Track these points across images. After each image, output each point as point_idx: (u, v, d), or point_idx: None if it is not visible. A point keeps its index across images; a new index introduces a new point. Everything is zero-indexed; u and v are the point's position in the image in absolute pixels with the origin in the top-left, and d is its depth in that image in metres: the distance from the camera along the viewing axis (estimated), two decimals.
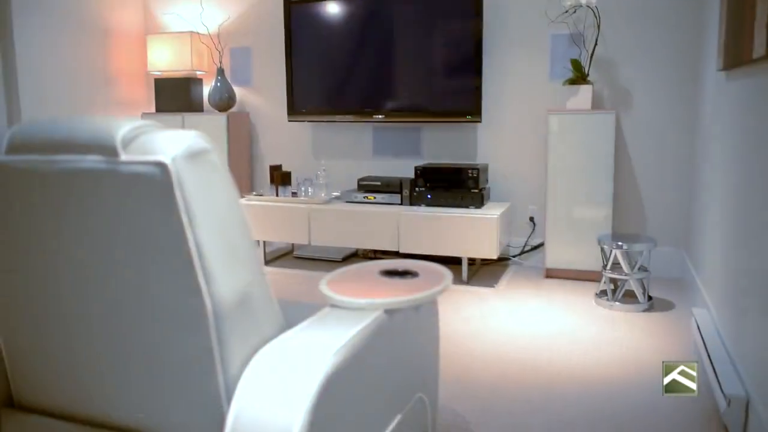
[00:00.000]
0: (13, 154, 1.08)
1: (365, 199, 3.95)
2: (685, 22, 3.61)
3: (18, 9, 4.03)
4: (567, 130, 3.60)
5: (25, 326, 1.20)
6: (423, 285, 1.47)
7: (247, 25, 4.67)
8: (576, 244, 3.63)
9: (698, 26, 3.55)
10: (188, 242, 0.96)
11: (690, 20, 3.60)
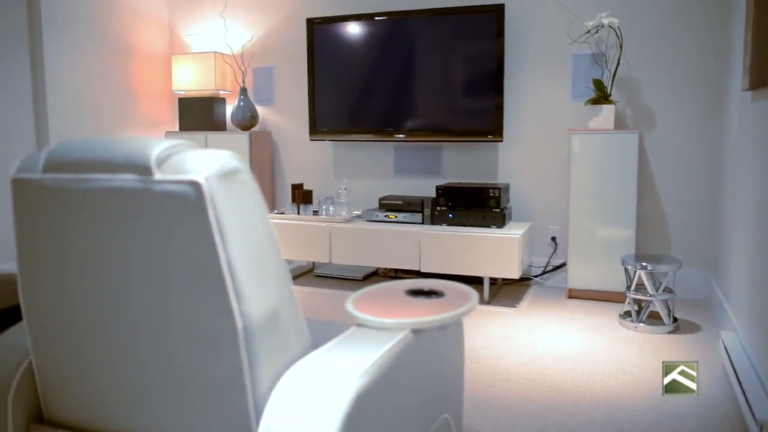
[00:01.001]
0: (50, 172, 1.10)
1: (386, 218, 3.96)
2: (708, 41, 3.60)
3: (48, 29, 4.12)
4: (589, 150, 3.58)
5: (56, 342, 1.21)
6: (449, 305, 1.46)
7: (270, 45, 4.73)
8: (599, 264, 3.60)
9: (721, 45, 3.53)
10: (220, 261, 0.97)
11: (713, 39, 3.58)
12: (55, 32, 4.17)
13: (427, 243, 3.71)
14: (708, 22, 3.59)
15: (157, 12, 4.99)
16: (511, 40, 3.95)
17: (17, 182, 1.14)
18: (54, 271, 1.15)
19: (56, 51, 4.19)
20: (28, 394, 1.28)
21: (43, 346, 1.24)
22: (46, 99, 4.15)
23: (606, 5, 3.68)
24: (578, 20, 3.70)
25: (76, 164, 1.07)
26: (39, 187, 1.11)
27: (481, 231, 3.65)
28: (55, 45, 4.17)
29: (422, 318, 1.33)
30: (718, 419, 2.17)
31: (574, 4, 3.78)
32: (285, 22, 4.65)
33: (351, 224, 3.95)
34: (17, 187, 1.14)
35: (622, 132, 3.57)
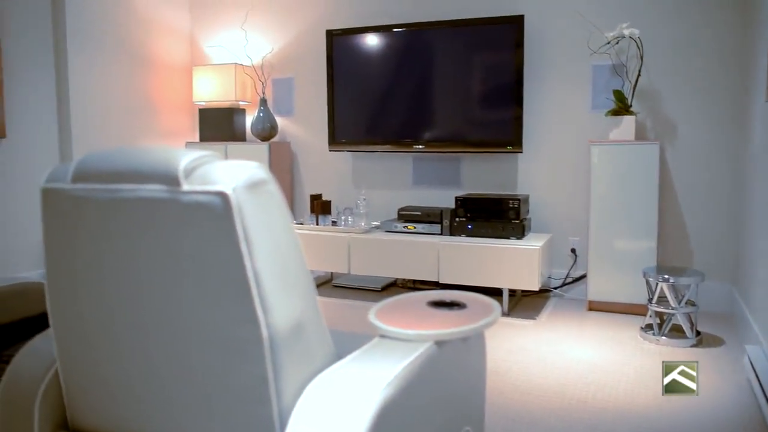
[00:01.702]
0: (78, 182, 1.11)
1: (405, 229, 3.96)
2: (730, 52, 3.57)
3: (73, 41, 4.19)
4: (610, 161, 3.56)
5: (82, 351, 1.23)
6: (472, 316, 1.45)
7: (289, 57, 4.77)
8: (619, 276, 3.56)
9: (743, 56, 3.50)
10: (246, 271, 0.98)
11: (735, 50, 3.55)
12: (79, 43, 4.24)
13: (446, 254, 3.71)
14: (730, 32, 3.56)
15: (178, 24, 5.05)
16: (531, 51, 3.94)
17: (47, 192, 1.16)
18: (81, 280, 1.16)
19: (80, 62, 4.25)
20: (54, 402, 1.29)
21: (69, 354, 1.25)
22: (70, 109, 4.21)
23: (627, 16, 3.67)
24: (598, 31, 3.69)
25: (105, 175, 1.09)
26: (68, 197, 1.13)
27: (501, 242, 3.64)
28: (79, 56, 4.24)
29: (445, 330, 1.32)
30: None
31: (594, 15, 3.77)
32: (305, 34, 4.69)
33: (370, 235, 3.96)
34: (47, 196, 1.16)
35: (643, 143, 3.54)
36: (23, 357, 1.37)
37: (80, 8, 4.24)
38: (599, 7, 3.80)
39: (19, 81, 3.97)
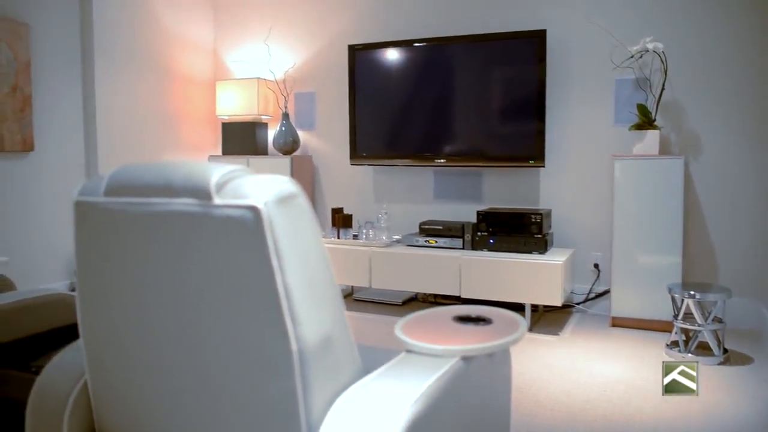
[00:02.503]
0: (111, 196, 1.13)
1: (427, 243, 3.95)
2: (755, 65, 3.54)
3: (100, 55, 4.27)
4: (633, 176, 3.53)
5: (111, 361, 1.24)
6: (498, 332, 1.44)
7: (311, 71, 4.80)
8: (644, 292, 3.52)
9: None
10: (277, 285, 0.98)
11: (760, 64, 3.52)
12: (106, 58, 4.31)
13: (467, 268, 3.69)
14: (755, 45, 3.53)
15: (203, 39, 5.12)
16: (553, 65, 3.94)
17: (79, 205, 1.17)
18: (112, 292, 1.17)
19: (106, 76, 4.32)
20: (82, 413, 1.30)
21: (98, 366, 1.26)
22: (96, 123, 4.27)
23: (650, 30, 3.65)
24: (621, 45, 3.68)
25: (137, 188, 1.10)
26: (100, 211, 1.14)
27: (523, 257, 3.62)
28: (105, 71, 4.31)
29: (472, 345, 1.32)
30: None
31: (617, 29, 3.76)
32: (327, 49, 4.73)
33: (391, 249, 3.96)
34: (79, 209, 1.18)
35: (667, 157, 3.51)
36: (53, 368, 1.38)
37: (107, 24, 4.32)
38: (622, 21, 3.79)
39: (47, 96, 4.05)
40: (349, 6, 4.63)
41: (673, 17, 3.70)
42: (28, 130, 3.89)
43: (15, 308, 2.01)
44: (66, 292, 2.24)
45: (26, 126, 3.88)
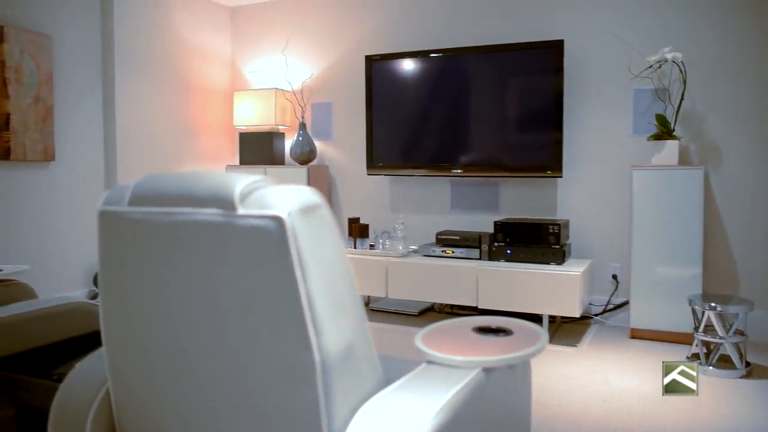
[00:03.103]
0: (136, 205, 1.14)
1: (443, 253, 3.94)
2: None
3: (120, 67, 4.33)
4: (652, 187, 3.50)
5: (133, 370, 1.24)
6: (519, 343, 1.43)
7: (328, 82, 4.83)
8: (663, 303, 3.48)
9: None
10: (300, 295, 0.98)
11: None
12: (126, 70, 4.37)
13: (484, 279, 3.67)
14: None
15: (221, 50, 5.17)
16: (570, 75, 3.93)
17: (104, 214, 1.18)
18: (136, 301, 1.18)
19: (126, 88, 4.38)
20: (104, 422, 1.31)
21: (120, 373, 1.27)
22: (116, 133, 4.32)
23: (669, 40, 3.63)
24: (639, 55, 3.66)
25: (161, 198, 1.11)
26: (125, 220, 1.15)
27: (541, 268, 3.60)
28: (125, 82, 4.37)
29: (494, 356, 1.31)
30: None
31: (635, 39, 3.75)
32: (344, 60, 4.75)
33: (407, 259, 3.95)
34: (104, 219, 1.19)
35: (687, 168, 3.48)
36: (75, 376, 1.39)
37: (128, 36, 4.37)
38: (640, 31, 3.78)
39: (68, 106, 4.10)
40: (366, 17, 4.66)
41: (692, 27, 3.68)
42: (49, 140, 3.94)
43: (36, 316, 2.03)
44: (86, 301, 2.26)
45: (48, 136, 3.93)
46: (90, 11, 4.25)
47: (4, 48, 3.67)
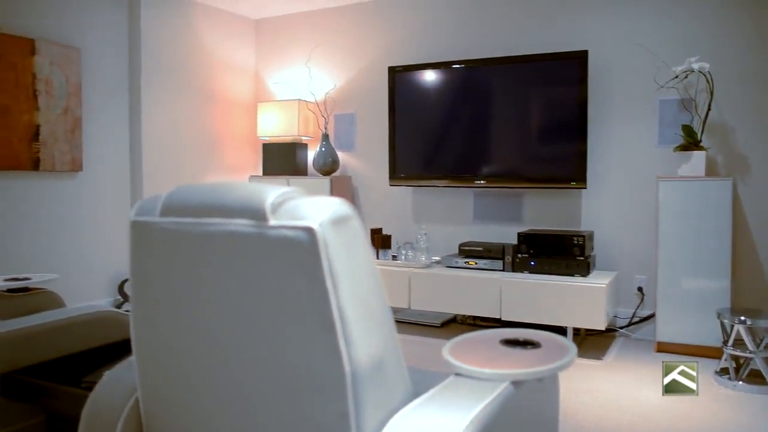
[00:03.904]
0: (167, 216, 1.15)
1: (466, 265, 3.92)
2: None
3: (147, 79, 4.39)
4: (679, 198, 3.46)
5: (163, 379, 1.25)
6: (547, 356, 1.42)
7: (351, 93, 4.85)
8: (690, 317, 3.43)
9: None
10: (331, 306, 0.98)
11: None
12: (152, 81, 4.43)
13: (508, 291, 3.65)
14: None
15: (245, 62, 5.22)
16: (594, 85, 3.90)
17: (136, 225, 1.20)
18: (166, 310, 1.19)
19: (152, 99, 4.44)
20: (134, 429, 1.32)
21: (150, 382, 1.28)
22: (141, 144, 4.38)
23: (695, 50, 3.60)
24: (665, 65, 3.63)
25: (193, 209, 1.12)
26: (156, 230, 1.16)
27: (565, 279, 3.56)
28: (151, 93, 4.43)
29: (523, 369, 1.29)
30: None
31: (660, 49, 3.72)
32: (366, 71, 4.78)
33: (430, 270, 3.94)
34: (136, 229, 1.20)
35: (714, 179, 3.43)
36: (105, 385, 1.41)
37: (154, 48, 4.44)
38: (665, 41, 3.75)
39: (95, 117, 4.17)
40: (389, 29, 4.68)
41: (718, 37, 3.64)
42: (77, 150, 4.00)
43: (65, 325, 2.06)
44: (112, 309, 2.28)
45: (76, 147, 3.99)
46: (118, 24, 4.32)
47: (34, 61, 3.75)
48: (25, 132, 3.72)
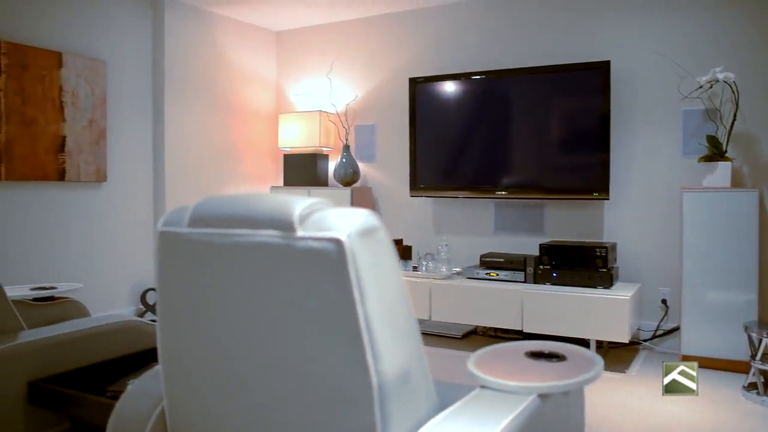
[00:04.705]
0: (195, 227, 1.15)
1: (488, 276, 3.90)
2: None
3: (170, 91, 4.45)
4: (704, 209, 3.41)
5: (190, 389, 1.25)
6: (573, 369, 1.40)
7: (372, 104, 4.87)
8: (716, 330, 3.37)
9: None
10: (359, 318, 0.98)
11: None
12: (175, 93, 4.48)
13: (530, 302, 3.62)
14: None
15: (266, 73, 5.27)
16: (617, 96, 3.88)
17: (164, 235, 1.21)
18: (193, 321, 1.20)
19: (175, 111, 4.49)
20: None
21: (176, 392, 1.28)
22: (164, 155, 4.43)
23: (719, 60, 3.56)
24: (689, 76, 3.60)
25: (221, 220, 1.13)
26: (184, 241, 1.17)
27: (588, 291, 3.53)
28: (174, 105, 4.48)
29: (550, 383, 1.28)
30: None
31: (684, 59, 3.68)
32: (387, 82, 4.79)
33: (451, 281, 3.92)
34: (163, 239, 1.21)
35: (740, 190, 3.39)
36: (131, 395, 1.41)
37: (178, 61, 4.50)
38: (689, 51, 3.72)
39: (120, 129, 4.22)
40: (410, 40, 4.70)
41: (743, 47, 3.60)
42: (101, 161, 4.06)
43: (91, 334, 2.08)
44: (136, 319, 2.30)
45: (100, 158, 4.05)
46: (142, 38, 4.39)
47: (61, 73, 3.81)
48: (52, 143, 3.78)
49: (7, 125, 3.55)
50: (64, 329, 2.03)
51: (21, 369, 1.81)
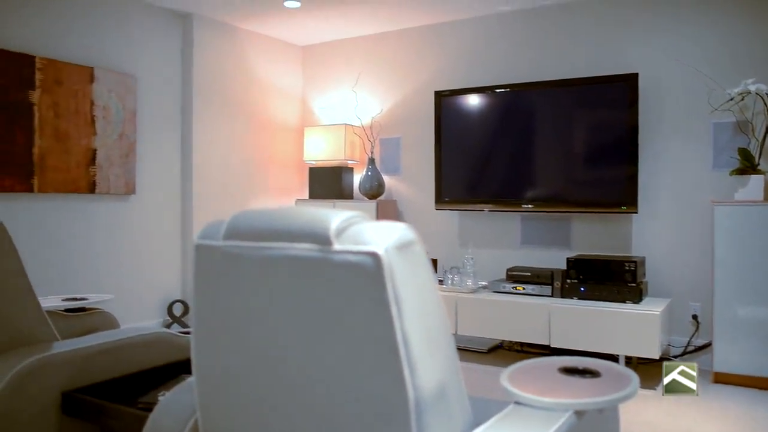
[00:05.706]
0: (231, 239, 1.16)
1: (514, 290, 3.87)
2: None
3: (198, 105, 4.51)
4: (735, 223, 3.36)
5: (224, 402, 1.26)
6: (608, 386, 1.38)
7: (397, 117, 4.88)
8: (750, 347, 3.30)
9: None
10: (396, 332, 0.97)
11: None
12: (203, 107, 4.54)
13: (557, 317, 3.58)
14: None
15: (292, 87, 5.31)
16: (645, 108, 3.84)
17: (200, 248, 1.22)
18: (229, 334, 1.20)
19: (203, 124, 4.55)
20: None
21: (210, 405, 1.28)
22: (192, 168, 4.48)
23: (750, 71, 3.52)
24: (720, 87, 3.56)
25: (257, 233, 1.13)
26: (220, 254, 1.18)
27: (616, 306, 3.48)
28: (202, 119, 4.54)
29: (586, 399, 1.26)
30: None
31: (713, 71, 3.64)
32: (412, 95, 4.80)
33: (477, 295, 3.90)
34: (200, 252, 1.22)
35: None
36: (164, 407, 1.42)
37: (206, 75, 4.56)
38: (718, 63, 3.67)
39: (149, 142, 4.29)
40: (436, 53, 4.71)
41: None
42: (131, 174, 4.11)
43: (122, 345, 2.09)
44: (166, 331, 2.32)
45: (130, 171, 4.11)
46: (172, 53, 4.46)
47: (93, 88, 3.88)
48: (83, 156, 3.84)
49: (41, 139, 3.62)
50: (97, 340, 2.05)
51: (56, 379, 1.83)
